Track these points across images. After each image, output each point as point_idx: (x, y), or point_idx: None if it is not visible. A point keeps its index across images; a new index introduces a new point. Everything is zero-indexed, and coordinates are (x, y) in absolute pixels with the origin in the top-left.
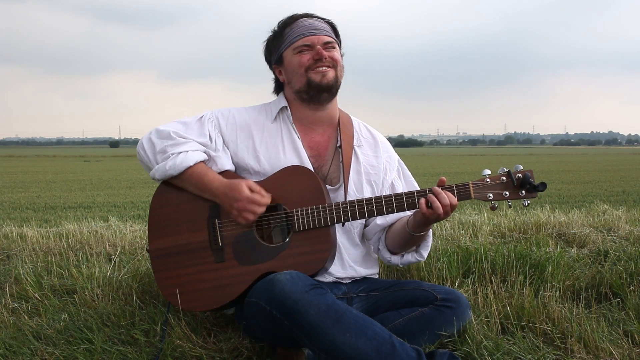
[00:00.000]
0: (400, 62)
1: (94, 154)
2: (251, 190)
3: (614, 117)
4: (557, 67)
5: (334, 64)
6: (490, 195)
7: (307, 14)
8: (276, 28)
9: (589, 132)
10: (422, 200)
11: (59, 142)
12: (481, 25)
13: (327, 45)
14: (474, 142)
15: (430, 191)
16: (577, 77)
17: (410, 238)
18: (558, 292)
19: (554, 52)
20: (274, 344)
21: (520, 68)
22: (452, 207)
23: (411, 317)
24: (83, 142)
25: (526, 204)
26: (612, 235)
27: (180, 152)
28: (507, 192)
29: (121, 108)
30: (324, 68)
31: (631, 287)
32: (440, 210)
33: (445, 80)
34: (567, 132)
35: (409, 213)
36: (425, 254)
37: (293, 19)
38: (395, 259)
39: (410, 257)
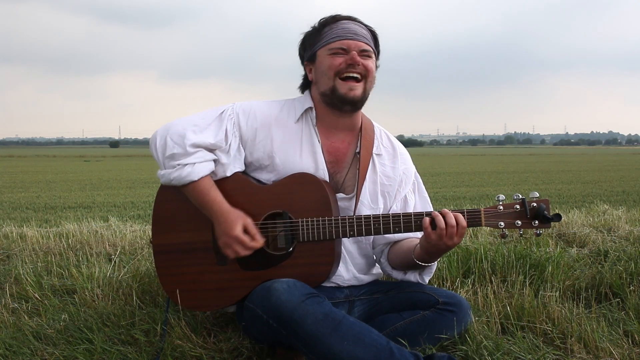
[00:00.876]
0: (400, 62)
1: (94, 154)
2: (246, 231)
3: (614, 117)
4: (557, 67)
5: (366, 74)
6: (502, 223)
7: (350, 17)
8: (316, 25)
9: (589, 132)
10: (427, 218)
11: (59, 142)
12: (481, 25)
13: (363, 53)
14: (474, 142)
15: (439, 212)
16: (577, 77)
17: (414, 265)
18: (558, 292)
19: (554, 52)
20: (274, 345)
21: (520, 68)
22: (460, 233)
23: (412, 320)
24: (83, 142)
25: (539, 233)
26: (612, 235)
27: (187, 165)
28: (519, 222)
29: (121, 108)
30: (353, 82)
31: (631, 287)
32: (444, 230)
33: (445, 80)
34: (567, 132)
35: (418, 235)
36: (427, 279)
37: (335, 20)
38: (397, 274)
39: (412, 277)
